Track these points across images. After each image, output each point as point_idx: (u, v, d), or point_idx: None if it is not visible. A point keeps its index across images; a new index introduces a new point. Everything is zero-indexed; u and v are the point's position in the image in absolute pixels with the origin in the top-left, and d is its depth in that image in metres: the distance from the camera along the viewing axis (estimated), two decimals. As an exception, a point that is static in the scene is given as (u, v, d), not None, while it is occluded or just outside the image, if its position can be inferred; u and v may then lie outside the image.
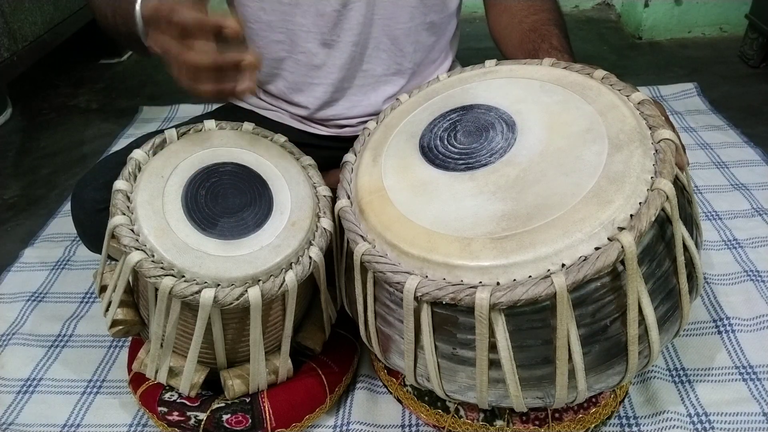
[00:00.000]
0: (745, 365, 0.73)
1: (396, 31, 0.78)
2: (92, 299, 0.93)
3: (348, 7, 0.75)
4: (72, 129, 1.51)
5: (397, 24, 0.77)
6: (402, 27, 0.78)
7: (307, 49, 0.78)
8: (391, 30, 0.78)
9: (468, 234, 0.49)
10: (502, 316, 0.48)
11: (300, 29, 0.77)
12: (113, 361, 0.82)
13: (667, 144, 0.50)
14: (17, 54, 1.38)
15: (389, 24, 0.77)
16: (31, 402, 0.77)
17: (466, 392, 0.55)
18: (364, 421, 0.70)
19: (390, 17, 0.77)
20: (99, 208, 0.69)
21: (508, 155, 0.54)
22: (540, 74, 0.61)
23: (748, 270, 0.86)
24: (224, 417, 0.63)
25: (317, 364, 0.69)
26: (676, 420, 0.67)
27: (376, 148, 0.62)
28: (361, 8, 0.75)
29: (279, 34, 0.78)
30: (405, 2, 0.76)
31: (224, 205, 0.58)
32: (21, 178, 1.32)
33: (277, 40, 0.79)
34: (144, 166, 0.59)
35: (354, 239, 0.55)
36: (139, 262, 0.53)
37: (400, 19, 0.77)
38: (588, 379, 0.51)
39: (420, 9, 0.77)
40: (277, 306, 0.60)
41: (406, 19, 0.77)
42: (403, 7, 0.76)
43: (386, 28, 0.78)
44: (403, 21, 0.77)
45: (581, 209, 0.47)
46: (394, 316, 0.55)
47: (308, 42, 0.78)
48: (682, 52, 1.70)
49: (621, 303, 0.49)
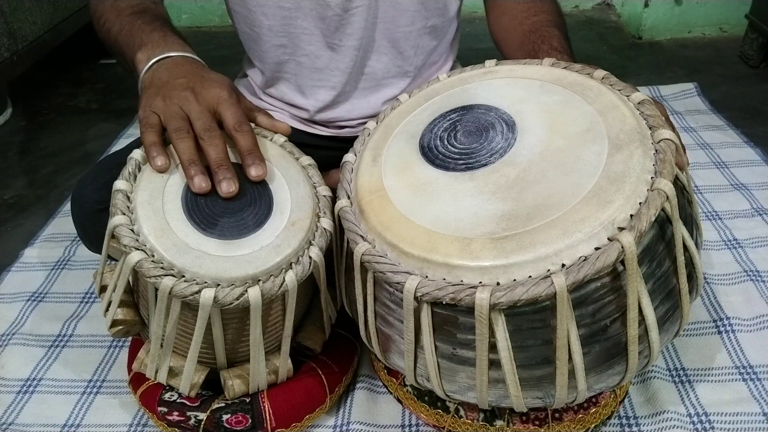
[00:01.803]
0: (745, 365, 0.73)
1: (397, 35, 0.78)
2: (92, 299, 0.93)
3: (350, 12, 0.75)
4: (72, 129, 1.51)
5: (399, 28, 0.77)
6: (403, 30, 0.78)
7: (310, 51, 0.78)
8: (392, 33, 0.78)
9: (468, 234, 0.49)
10: (502, 316, 0.48)
11: (302, 33, 0.77)
12: (113, 361, 0.82)
13: (667, 144, 0.50)
14: (17, 54, 1.38)
15: (390, 28, 0.77)
16: (31, 402, 0.77)
17: (466, 392, 0.55)
18: (364, 421, 0.70)
19: (391, 21, 0.77)
20: (99, 208, 0.69)
21: (508, 155, 0.54)
22: (540, 74, 0.61)
23: (748, 270, 0.86)
24: (224, 417, 0.63)
25: (317, 364, 0.69)
26: (676, 420, 0.67)
27: (376, 148, 0.62)
28: (363, 12, 0.75)
29: (281, 38, 0.78)
30: (406, 6, 0.76)
31: (224, 205, 0.58)
32: (21, 178, 1.32)
33: (278, 44, 0.78)
34: (144, 166, 0.59)
35: (354, 239, 0.55)
36: (139, 262, 0.53)
37: (401, 23, 0.77)
38: (588, 379, 0.51)
39: (421, 13, 0.77)
40: (277, 306, 0.60)
41: (407, 22, 0.77)
42: (404, 11, 0.76)
43: (387, 32, 0.78)
44: (404, 24, 0.77)
45: (581, 209, 0.47)
46: (394, 316, 0.55)
47: (311, 45, 0.78)
48: (682, 52, 1.70)
49: (621, 303, 0.49)
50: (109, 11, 0.70)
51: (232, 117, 0.59)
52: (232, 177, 0.57)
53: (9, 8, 1.35)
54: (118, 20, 0.69)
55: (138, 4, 0.70)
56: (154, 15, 0.70)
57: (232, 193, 0.57)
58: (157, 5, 0.73)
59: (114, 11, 0.70)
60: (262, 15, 0.77)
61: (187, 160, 0.57)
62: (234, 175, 0.57)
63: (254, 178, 0.59)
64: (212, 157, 0.57)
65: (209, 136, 0.57)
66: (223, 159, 0.57)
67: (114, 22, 0.69)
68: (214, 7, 2.10)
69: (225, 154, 0.57)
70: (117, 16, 0.69)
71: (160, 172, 0.58)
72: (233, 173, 0.57)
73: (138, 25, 0.67)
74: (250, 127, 0.60)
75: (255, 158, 0.58)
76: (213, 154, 0.57)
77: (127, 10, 0.69)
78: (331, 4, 0.74)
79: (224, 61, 1.56)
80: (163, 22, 0.69)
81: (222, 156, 0.57)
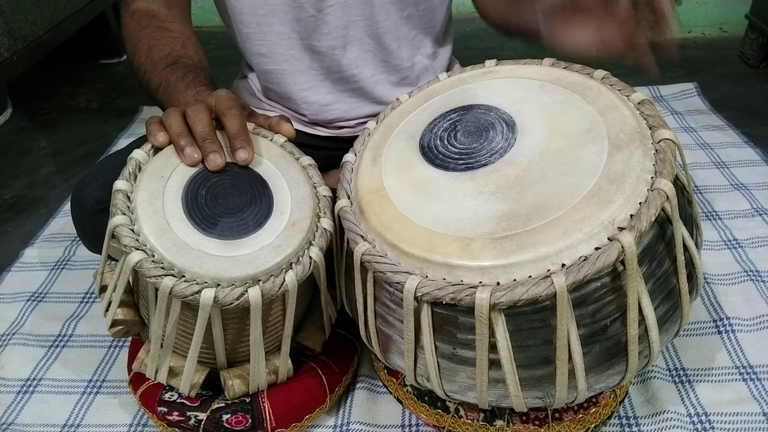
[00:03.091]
0: (745, 365, 0.73)
1: (378, 30, 0.77)
2: (92, 299, 0.93)
3: (324, 11, 0.74)
4: (72, 129, 1.51)
5: (378, 22, 0.77)
6: (383, 24, 0.77)
7: (290, 56, 0.78)
8: (372, 30, 0.77)
9: (468, 234, 0.49)
10: (502, 316, 0.48)
11: (280, 38, 0.76)
12: (113, 361, 0.82)
13: (668, 144, 0.50)
14: (17, 54, 1.38)
15: (369, 24, 0.77)
16: (31, 402, 0.77)
17: (466, 392, 0.55)
18: (364, 421, 0.70)
19: (369, 17, 0.76)
20: (99, 209, 0.69)
21: (508, 155, 0.54)
22: (540, 74, 0.61)
23: (748, 270, 0.86)
24: (224, 417, 0.63)
25: (317, 364, 0.69)
26: (676, 420, 0.67)
27: (376, 148, 0.62)
28: (338, 11, 0.74)
29: (259, 46, 0.78)
30: (380, 0, 0.75)
31: (224, 205, 0.58)
32: (21, 178, 1.32)
33: (258, 53, 0.78)
34: (144, 166, 0.59)
35: (354, 239, 0.55)
36: (140, 262, 0.53)
37: (380, 17, 0.76)
38: (588, 379, 0.51)
39: (397, 4, 0.76)
40: (277, 306, 0.60)
41: (385, 16, 0.77)
42: (380, 5, 0.76)
43: (367, 28, 0.77)
44: (382, 18, 0.77)
45: (581, 209, 0.47)
46: (394, 316, 0.55)
47: (291, 49, 0.77)
48: (682, 52, 1.70)
49: (621, 303, 0.49)
50: (145, 63, 0.72)
51: (222, 101, 0.60)
52: (218, 149, 0.58)
53: (9, 8, 1.35)
54: (156, 75, 0.70)
55: (168, 54, 0.71)
56: (185, 66, 0.70)
57: (219, 166, 0.58)
58: (186, 48, 0.73)
59: (150, 63, 0.71)
60: (240, 23, 0.77)
61: (176, 133, 0.58)
62: (220, 148, 0.58)
63: (241, 162, 0.59)
64: (197, 131, 0.58)
65: (193, 110, 0.59)
66: (208, 133, 0.58)
67: (152, 76, 0.70)
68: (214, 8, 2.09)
69: (210, 128, 0.59)
70: (153, 69, 0.70)
71: (161, 149, 0.59)
72: (219, 146, 0.58)
73: (173, 83, 0.68)
74: (240, 112, 0.60)
75: (242, 141, 0.59)
76: (198, 128, 0.58)
77: (161, 63, 0.70)
78: (305, 5, 0.74)
79: (224, 61, 1.57)
80: (195, 71, 0.69)
81: (207, 130, 0.58)
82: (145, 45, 0.72)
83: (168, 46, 0.72)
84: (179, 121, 0.59)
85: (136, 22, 0.75)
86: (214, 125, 0.60)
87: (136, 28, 0.74)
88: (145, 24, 0.74)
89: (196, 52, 0.74)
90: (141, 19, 0.75)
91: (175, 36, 0.74)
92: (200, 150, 0.58)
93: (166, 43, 0.72)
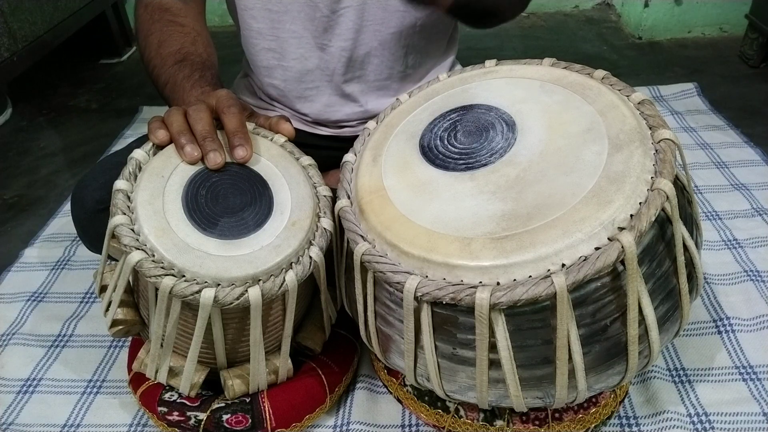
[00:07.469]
0: (745, 365, 0.73)
1: (387, 36, 0.77)
2: (92, 299, 0.93)
3: (338, 13, 0.74)
4: (72, 129, 1.51)
5: (388, 29, 0.77)
6: (393, 31, 0.77)
7: (299, 54, 0.78)
8: (382, 35, 0.77)
9: (468, 234, 0.49)
10: (502, 316, 0.48)
11: (291, 36, 0.76)
12: (113, 361, 0.82)
13: (668, 144, 0.50)
14: (17, 54, 1.38)
15: (380, 29, 0.77)
16: (31, 402, 0.77)
17: (466, 392, 0.55)
18: (364, 421, 0.70)
19: (381, 22, 0.76)
20: (99, 208, 0.69)
21: (508, 155, 0.54)
22: (540, 74, 0.61)
23: (748, 270, 0.87)
24: (224, 417, 0.63)
25: (317, 364, 0.69)
26: (676, 420, 0.67)
27: (376, 148, 0.62)
28: (351, 13, 0.74)
29: (270, 41, 0.78)
30: (395, 7, 0.75)
31: (224, 205, 0.58)
32: (21, 178, 1.32)
33: (267, 48, 0.78)
34: (144, 166, 0.59)
35: (354, 239, 0.55)
36: (140, 262, 0.53)
37: (391, 24, 0.77)
38: (588, 379, 0.51)
39: (410, 13, 0.77)
40: (277, 306, 0.60)
41: (397, 24, 0.77)
42: (393, 12, 0.76)
43: (377, 33, 0.77)
44: (393, 25, 0.77)
45: (581, 209, 0.47)
46: (394, 316, 0.55)
47: (300, 47, 0.77)
48: (682, 52, 1.70)
49: (621, 303, 0.49)
50: (155, 58, 0.72)
51: (222, 100, 0.60)
52: (218, 148, 0.58)
53: (9, 8, 1.35)
54: (164, 71, 0.70)
55: (178, 50, 0.71)
56: (193, 64, 0.70)
57: (219, 164, 0.58)
58: (196, 44, 0.73)
59: (159, 58, 0.71)
60: (250, 18, 0.77)
61: (177, 131, 0.58)
62: (220, 147, 0.59)
63: (240, 160, 0.59)
64: (197, 130, 0.58)
65: (194, 109, 0.59)
66: (208, 131, 0.59)
67: (161, 72, 0.71)
68: (214, 7, 2.09)
69: (210, 127, 0.59)
70: (162, 65, 0.71)
71: (161, 148, 0.60)
72: (219, 145, 0.59)
73: (179, 82, 0.68)
74: (240, 110, 0.61)
75: (241, 139, 0.59)
76: (198, 126, 0.58)
77: (169, 60, 0.70)
78: (319, 5, 0.74)
79: (224, 61, 1.55)
80: (203, 70, 0.70)
81: (207, 128, 0.59)
82: (156, 39, 0.72)
83: (178, 42, 0.72)
84: (180, 120, 0.59)
85: (149, 15, 0.75)
86: (214, 124, 0.60)
87: (148, 21, 0.74)
88: (158, 18, 0.74)
89: (206, 48, 0.74)
90: (154, 12, 0.75)
91: (187, 32, 0.74)
92: (200, 148, 0.58)
93: (176, 38, 0.72)
